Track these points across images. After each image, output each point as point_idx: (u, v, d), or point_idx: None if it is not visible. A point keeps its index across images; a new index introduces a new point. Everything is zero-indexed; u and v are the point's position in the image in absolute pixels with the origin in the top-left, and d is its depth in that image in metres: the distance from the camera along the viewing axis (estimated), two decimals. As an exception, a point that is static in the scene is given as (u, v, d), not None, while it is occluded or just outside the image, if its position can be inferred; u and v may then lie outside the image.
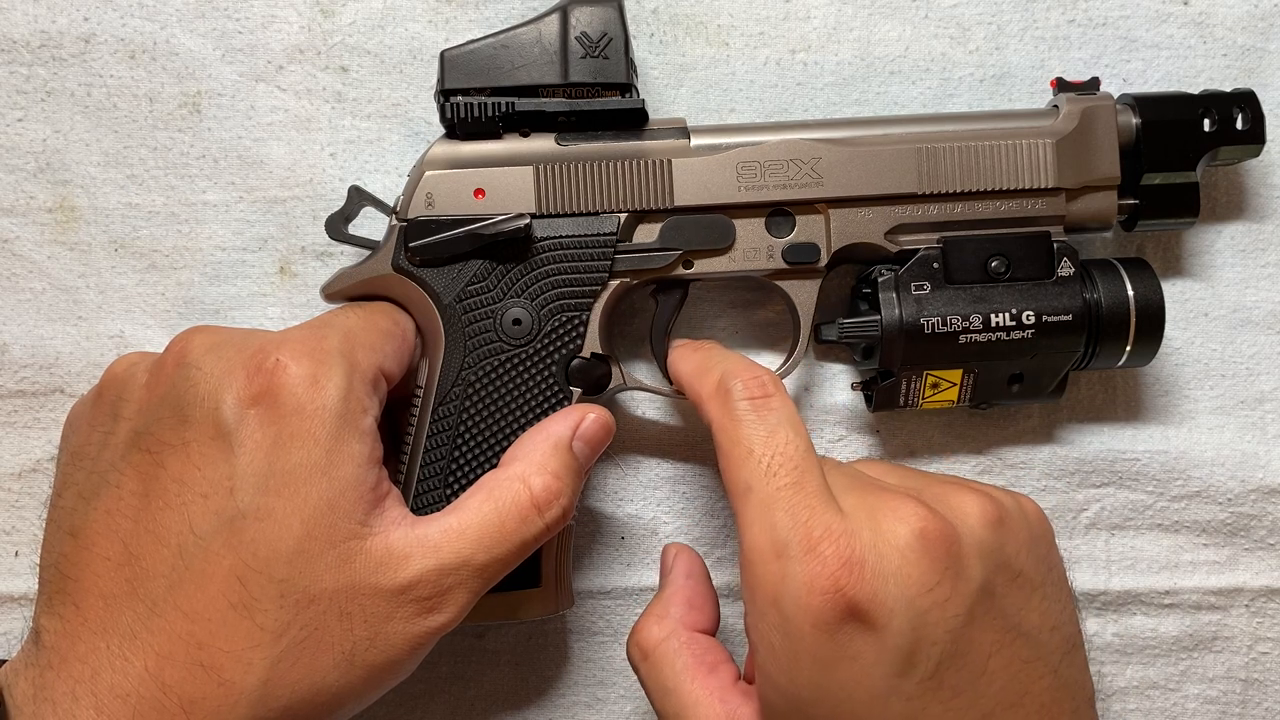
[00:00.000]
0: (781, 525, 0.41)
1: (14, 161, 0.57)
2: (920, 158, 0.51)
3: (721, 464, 0.44)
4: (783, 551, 0.40)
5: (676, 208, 0.51)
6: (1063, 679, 0.43)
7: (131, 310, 0.57)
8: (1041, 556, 0.44)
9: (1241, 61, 0.58)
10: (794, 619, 0.40)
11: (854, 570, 0.40)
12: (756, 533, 0.41)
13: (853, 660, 0.40)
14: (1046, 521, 0.46)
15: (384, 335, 0.48)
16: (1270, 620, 0.57)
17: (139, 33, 0.57)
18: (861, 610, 0.39)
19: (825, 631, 0.40)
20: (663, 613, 0.48)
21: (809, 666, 0.40)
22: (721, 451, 0.44)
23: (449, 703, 0.57)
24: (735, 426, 0.44)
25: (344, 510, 0.43)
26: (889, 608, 0.40)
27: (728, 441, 0.44)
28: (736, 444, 0.43)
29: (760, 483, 0.42)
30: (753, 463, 0.42)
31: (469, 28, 0.57)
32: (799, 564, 0.40)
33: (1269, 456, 0.57)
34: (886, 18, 0.58)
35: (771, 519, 0.41)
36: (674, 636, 0.47)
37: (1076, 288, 0.51)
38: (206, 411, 0.43)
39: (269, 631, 0.41)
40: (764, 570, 0.41)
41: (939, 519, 0.41)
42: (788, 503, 0.41)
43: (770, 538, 0.41)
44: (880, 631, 0.40)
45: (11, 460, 0.57)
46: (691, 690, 0.45)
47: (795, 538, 0.40)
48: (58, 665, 0.41)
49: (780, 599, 0.40)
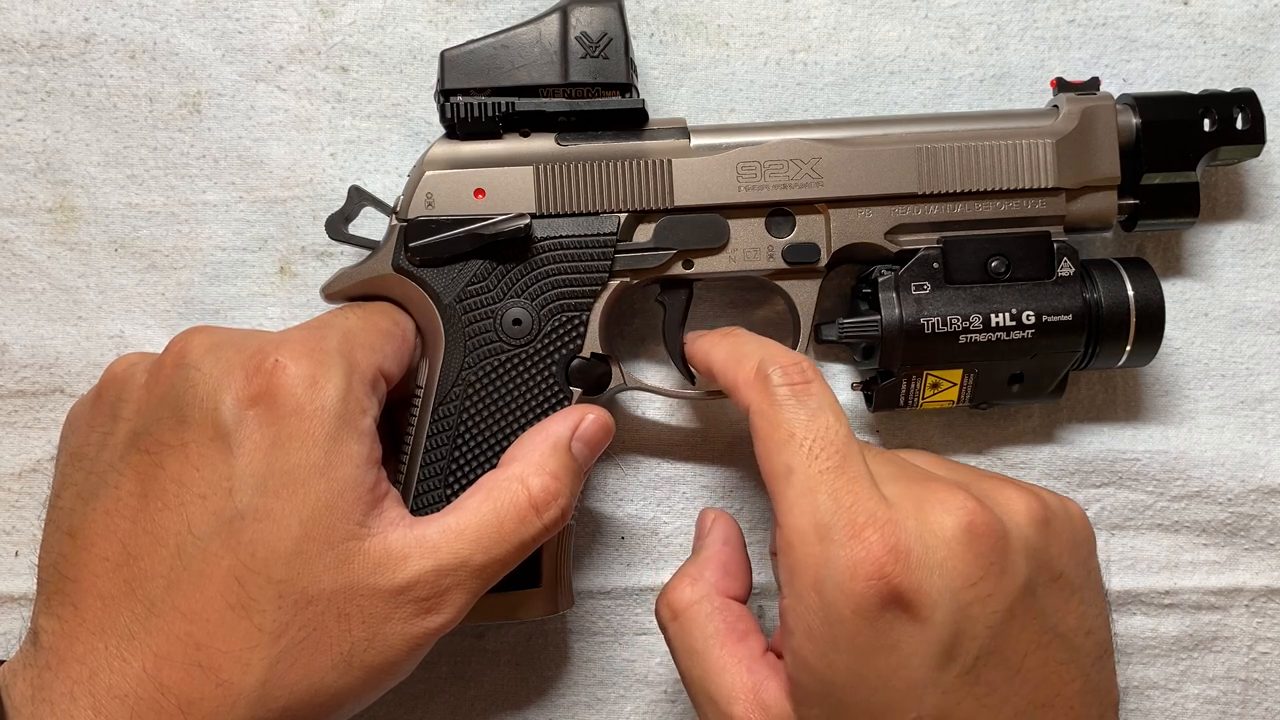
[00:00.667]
0: (824, 508, 0.40)
1: (14, 161, 0.57)
2: (920, 158, 0.51)
3: (759, 449, 0.43)
4: (825, 535, 0.40)
5: (676, 208, 0.51)
6: (1093, 683, 0.43)
7: (131, 310, 0.57)
8: (1082, 560, 0.44)
9: (1241, 61, 0.58)
10: (835, 603, 0.39)
11: (899, 558, 0.39)
12: (798, 515, 0.41)
13: (891, 649, 0.39)
14: (1090, 527, 0.46)
15: (383, 335, 0.48)
16: (1270, 620, 0.57)
17: (139, 33, 0.57)
18: (905, 599, 0.39)
19: (866, 618, 0.39)
20: (697, 575, 0.47)
21: (846, 652, 0.40)
22: (760, 436, 0.43)
23: (449, 703, 0.57)
24: (776, 411, 0.43)
25: (342, 511, 0.43)
26: (932, 599, 0.39)
27: (767, 425, 0.43)
28: (777, 427, 0.43)
29: (802, 465, 0.41)
30: (794, 445, 0.42)
31: (469, 28, 0.57)
32: (843, 548, 0.39)
33: (1269, 456, 0.57)
34: (886, 18, 0.58)
35: (814, 501, 0.41)
36: (706, 600, 0.46)
37: (1076, 288, 0.51)
38: (205, 412, 0.43)
39: (267, 632, 0.41)
40: (805, 552, 0.40)
41: (987, 513, 0.41)
42: (830, 486, 0.41)
43: (813, 520, 0.40)
44: (922, 622, 0.39)
45: (11, 460, 0.57)
46: (720, 656, 0.44)
47: (839, 521, 0.40)
48: (56, 666, 0.41)
49: (821, 582, 0.40)
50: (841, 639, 0.39)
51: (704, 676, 0.44)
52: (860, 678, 0.40)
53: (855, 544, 0.39)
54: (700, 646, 0.45)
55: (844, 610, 0.39)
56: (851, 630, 0.39)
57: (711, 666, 0.44)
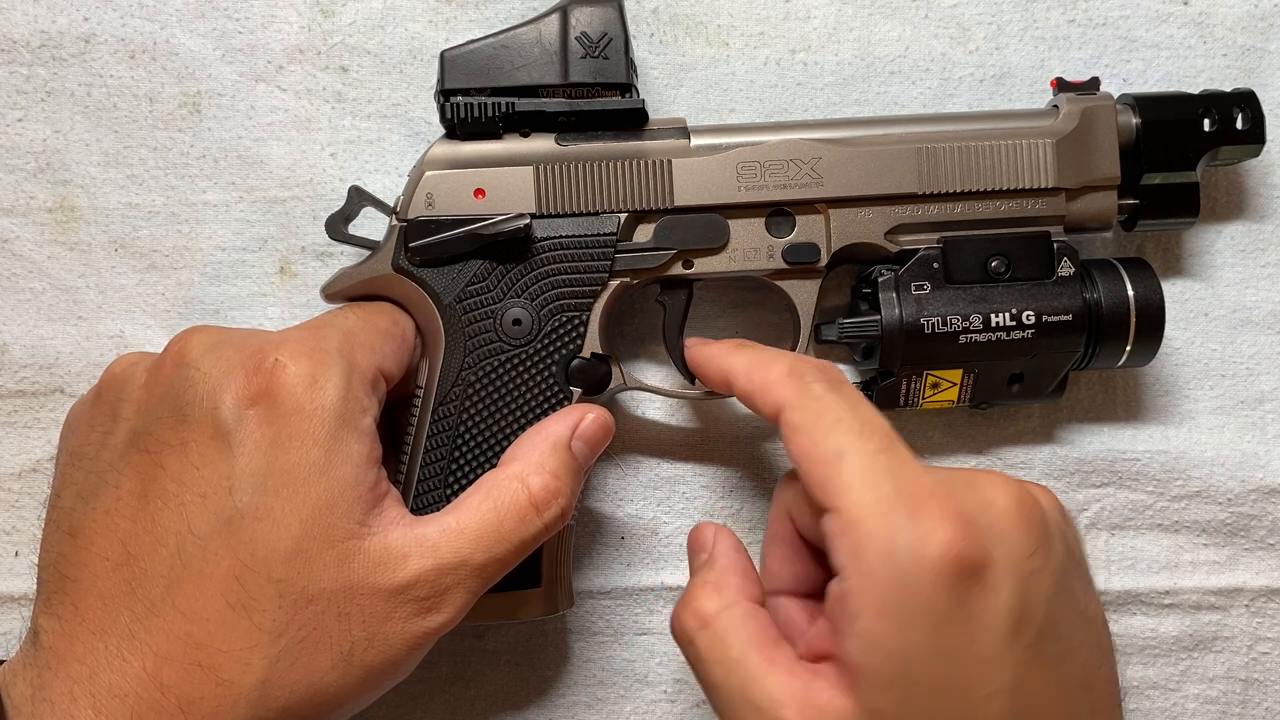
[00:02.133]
0: (885, 485, 0.40)
1: (14, 161, 0.57)
2: (920, 158, 0.51)
3: (800, 440, 0.42)
4: (890, 509, 0.39)
5: (675, 208, 0.51)
6: (1115, 671, 0.43)
7: (131, 310, 0.57)
8: (1085, 554, 0.45)
9: (1241, 61, 0.58)
10: (911, 573, 0.39)
11: (968, 529, 0.39)
12: (860, 492, 0.40)
13: (967, 620, 0.39)
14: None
15: (383, 335, 0.48)
16: (1270, 620, 0.57)
17: (139, 33, 0.57)
18: (977, 569, 0.39)
19: (944, 587, 0.38)
20: (720, 582, 0.45)
21: (923, 625, 0.39)
22: (800, 427, 0.43)
23: (449, 703, 0.57)
24: (817, 401, 0.43)
25: (342, 510, 0.43)
26: (1000, 569, 0.39)
27: (809, 415, 0.43)
28: (821, 415, 0.42)
29: (855, 446, 0.41)
30: (844, 429, 0.42)
31: (469, 28, 0.57)
32: (910, 520, 0.39)
33: (1269, 456, 0.57)
34: (886, 18, 0.58)
35: (874, 479, 0.40)
36: (736, 605, 0.44)
37: (1076, 288, 0.51)
38: (205, 411, 0.43)
39: (267, 631, 0.41)
40: (871, 528, 0.39)
41: (1029, 491, 0.41)
42: (886, 465, 0.41)
43: (875, 496, 0.40)
44: (994, 592, 0.39)
45: (11, 460, 0.57)
46: (760, 662, 0.42)
47: (902, 496, 0.40)
48: (56, 665, 0.41)
49: (894, 554, 0.39)
50: (919, 610, 0.39)
51: (745, 685, 0.42)
52: (937, 652, 0.39)
53: (923, 516, 0.39)
54: (738, 654, 0.42)
55: (921, 579, 0.38)
56: (929, 600, 0.38)
57: (752, 673, 0.42)
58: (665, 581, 0.57)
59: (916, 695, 0.39)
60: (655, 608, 0.57)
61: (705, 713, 0.56)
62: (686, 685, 0.57)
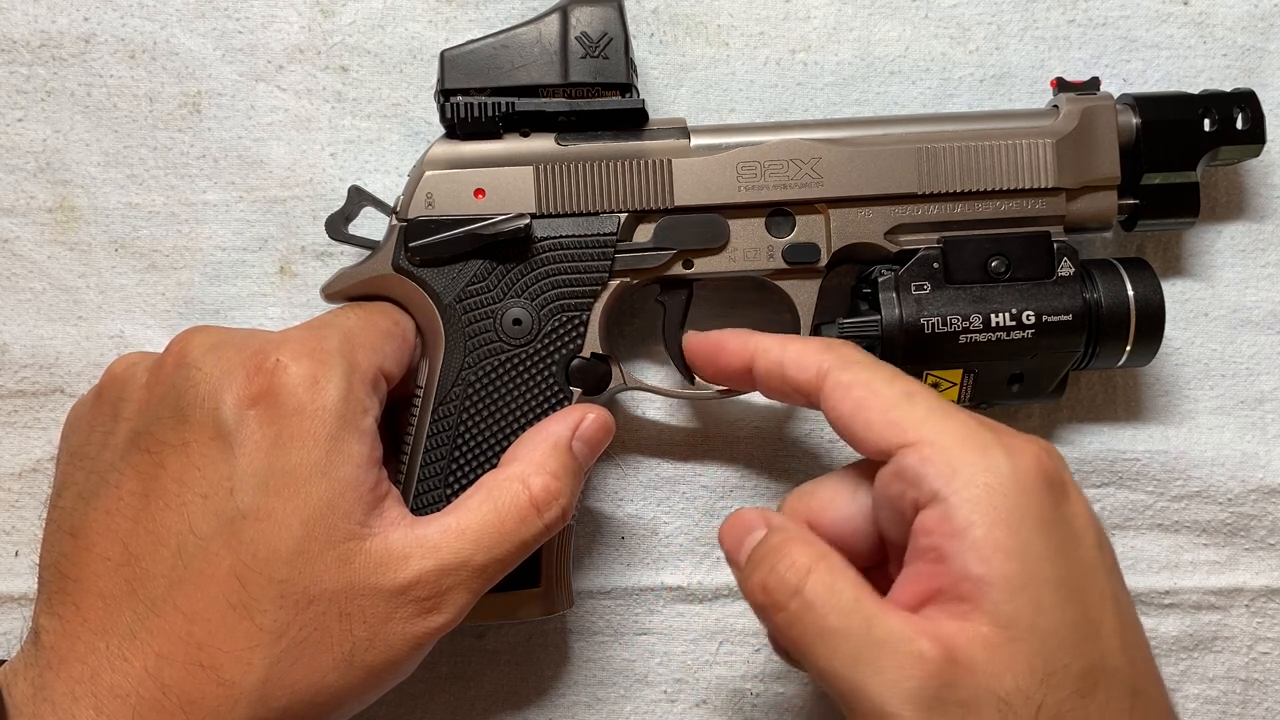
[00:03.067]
0: (961, 415, 0.42)
1: (14, 161, 0.57)
2: (920, 158, 0.51)
3: (859, 392, 0.43)
4: (975, 431, 0.41)
5: (675, 208, 0.51)
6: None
7: (131, 310, 0.57)
8: None
9: (1241, 61, 0.58)
10: (1014, 478, 0.40)
11: (1046, 451, 0.41)
12: (941, 420, 0.41)
13: (1068, 523, 0.40)
14: None
15: (384, 335, 0.49)
16: (1270, 620, 0.57)
17: (139, 33, 0.57)
18: (1060, 482, 0.41)
19: (1042, 493, 0.40)
20: (805, 537, 0.43)
21: (1034, 527, 0.39)
22: (856, 383, 0.43)
23: (449, 703, 0.57)
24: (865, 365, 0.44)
25: (343, 511, 0.43)
26: (1071, 486, 0.42)
27: (865, 372, 0.44)
28: (879, 369, 0.44)
29: (921, 391, 0.43)
30: (904, 379, 0.43)
31: (469, 28, 0.57)
32: (999, 447, 0.40)
33: (1269, 456, 0.57)
34: (886, 18, 0.58)
35: (949, 411, 0.42)
36: (832, 554, 0.42)
37: (1076, 288, 0.51)
38: (206, 411, 0.43)
39: (268, 632, 0.41)
40: (964, 447, 0.40)
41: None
42: (953, 409, 0.42)
43: (957, 423, 0.41)
44: (1076, 504, 0.41)
45: (11, 460, 0.57)
46: (874, 602, 0.40)
47: (981, 422, 0.42)
48: (57, 665, 0.41)
49: (992, 467, 0.40)
50: (1030, 509, 0.39)
51: (869, 624, 0.39)
52: (1051, 552, 0.39)
53: (1006, 442, 0.41)
54: (852, 595, 0.40)
55: (1025, 481, 0.40)
56: (1037, 499, 0.40)
57: (873, 613, 0.39)
58: (665, 581, 0.57)
59: (1047, 595, 0.39)
60: (655, 608, 0.57)
61: (705, 713, 0.57)
62: (686, 685, 0.57)
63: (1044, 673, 0.38)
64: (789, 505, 0.46)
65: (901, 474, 0.41)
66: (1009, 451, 0.40)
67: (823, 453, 0.57)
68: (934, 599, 0.39)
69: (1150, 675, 0.41)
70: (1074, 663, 0.38)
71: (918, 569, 0.40)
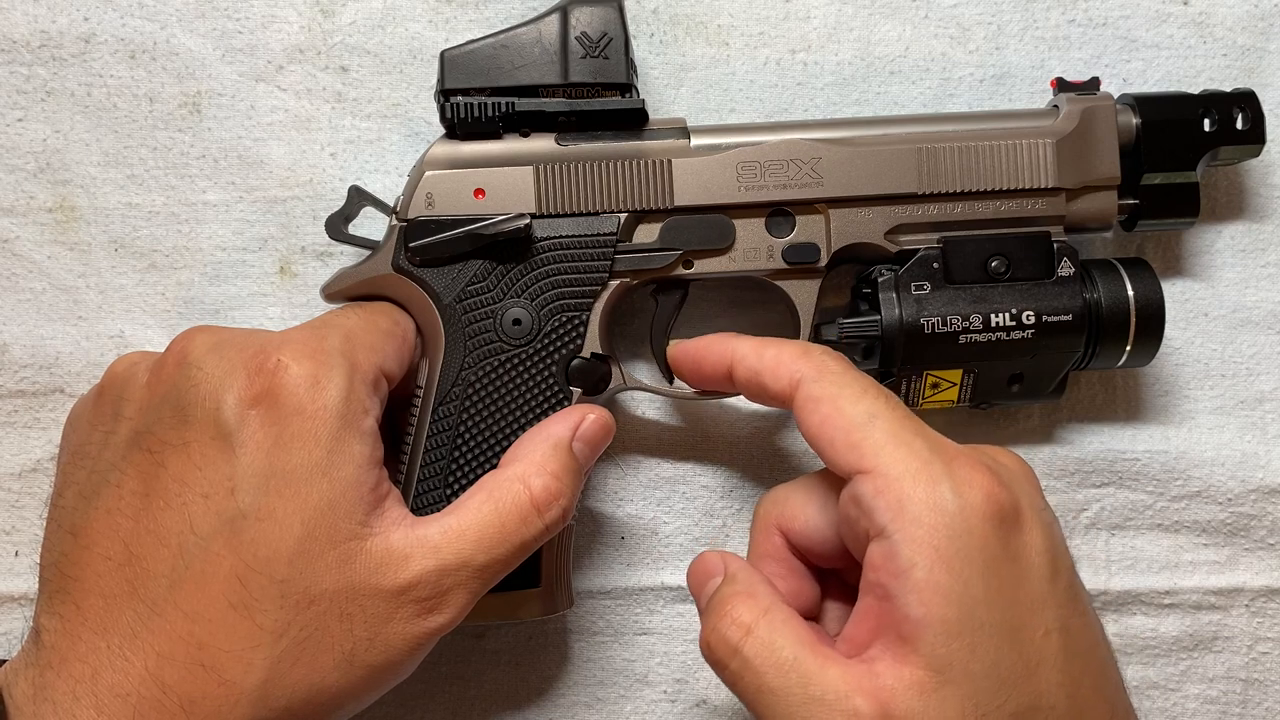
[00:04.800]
0: (918, 443, 0.42)
1: (14, 161, 0.57)
2: (920, 158, 0.51)
3: (826, 408, 0.43)
4: (928, 464, 0.41)
5: (676, 208, 0.51)
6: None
7: (131, 310, 0.57)
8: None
9: (1241, 61, 0.58)
10: (960, 515, 0.40)
11: (997, 477, 0.41)
12: (895, 449, 0.41)
13: (1014, 560, 0.40)
14: None
15: (384, 335, 0.49)
16: (1270, 620, 0.57)
17: (139, 33, 0.57)
18: (1012, 513, 0.41)
19: (990, 529, 0.40)
20: (751, 591, 0.44)
21: (978, 567, 0.39)
22: (824, 398, 0.44)
23: (449, 703, 0.57)
24: (838, 374, 0.44)
25: (344, 511, 0.43)
26: (1028, 513, 0.41)
27: (834, 386, 0.44)
28: (845, 385, 0.44)
29: (885, 411, 0.43)
30: (870, 397, 0.43)
31: (469, 28, 0.57)
32: (947, 471, 0.41)
33: (1269, 456, 0.57)
34: (886, 18, 0.58)
35: (907, 438, 0.42)
36: (775, 608, 0.43)
37: (1076, 288, 0.51)
38: (207, 411, 0.43)
39: (269, 632, 0.41)
40: (914, 480, 0.40)
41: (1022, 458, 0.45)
42: (913, 425, 0.43)
43: (911, 452, 0.41)
44: (1029, 534, 0.41)
45: (11, 460, 0.57)
46: (813, 659, 0.41)
47: (935, 451, 0.41)
48: (58, 665, 0.41)
49: (939, 502, 0.40)
50: (973, 549, 0.40)
51: (805, 683, 0.40)
52: (993, 594, 0.39)
53: (957, 467, 0.41)
54: (790, 654, 0.41)
55: (971, 520, 0.40)
56: (981, 539, 0.40)
57: (810, 669, 0.40)
58: (665, 581, 0.57)
59: (981, 640, 0.39)
60: (655, 608, 0.57)
61: (705, 712, 0.57)
62: (686, 685, 0.57)
63: (976, 715, 0.39)
64: (762, 511, 0.48)
65: (857, 501, 0.42)
66: (959, 486, 0.40)
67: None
68: (879, 636, 0.40)
69: (1099, 706, 0.41)
70: (1007, 703, 0.39)
71: (867, 604, 0.41)
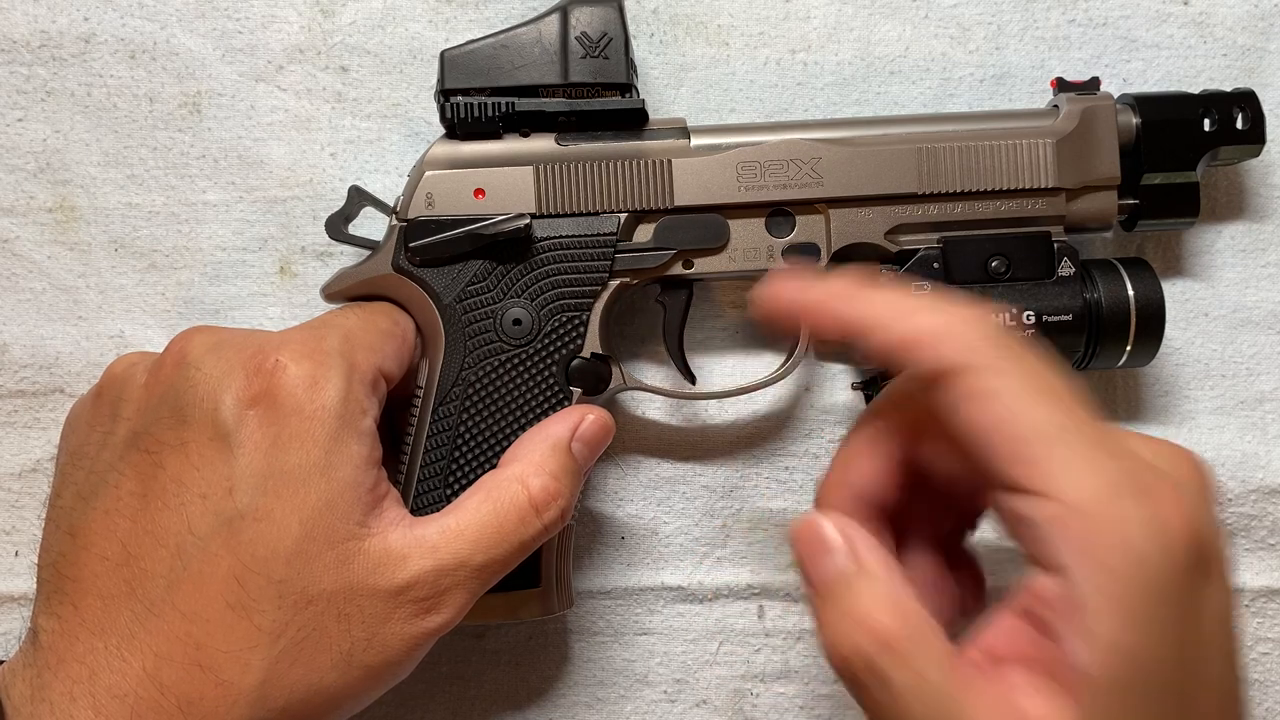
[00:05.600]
0: (1110, 466, 0.35)
1: (14, 161, 0.57)
2: (920, 158, 0.51)
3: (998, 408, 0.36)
4: (1119, 494, 0.35)
5: (676, 208, 0.51)
6: None
7: (131, 310, 0.57)
8: None
9: (1241, 61, 0.58)
10: (1155, 566, 0.34)
11: (1194, 515, 0.35)
12: (1084, 474, 0.35)
13: (1198, 614, 0.35)
14: None
15: (384, 336, 0.48)
16: (1270, 620, 0.57)
17: (139, 33, 0.57)
18: (1210, 559, 0.35)
19: (1186, 582, 0.34)
20: (896, 596, 0.38)
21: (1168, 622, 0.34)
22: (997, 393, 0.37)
23: (449, 703, 0.57)
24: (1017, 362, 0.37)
25: (342, 511, 0.43)
26: (1215, 560, 0.36)
27: (1011, 379, 0.37)
28: (1025, 378, 0.37)
29: (1072, 421, 0.36)
30: (1055, 397, 0.37)
31: (469, 28, 0.57)
32: (1143, 507, 0.35)
33: (1269, 456, 0.57)
34: (886, 18, 0.58)
35: (1099, 461, 0.35)
36: (923, 621, 0.37)
37: (1077, 288, 0.51)
38: (205, 412, 0.43)
39: (267, 632, 0.41)
40: (1106, 518, 0.34)
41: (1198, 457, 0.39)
42: (1105, 441, 0.36)
43: (1103, 481, 0.35)
44: (1216, 585, 0.36)
45: (11, 460, 0.57)
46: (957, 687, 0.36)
47: (1128, 478, 0.35)
48: (55, 666, 0.41)
49: (1134, 549, 0.34)
50: (1167, 610, 0.34)
51: (947, 711, 0.36)
52: (1173, 651, 0.35)
53: (1152, 501, 0.35)
54: (937, 680, 0.36)
55: (1167, 575, 0.34)
56: (1174, 591, 0.34)
57: (954, 695, 0.36)
58: (665, 581, 0.57)
59: (1147, 704, 0.35)
60: (655, 608, 0.57)
61: (705, 713, 0.56)
62: (686, 685, 0.57)
63: None
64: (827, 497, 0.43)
65: (1025, 523, 0.36)
66: (1157, 529, 0.34)
67: (823, 453, 0.57)
68: (1026, 665, 0.36)
69: None
70: None
71: (1018, 628, 0.37)
